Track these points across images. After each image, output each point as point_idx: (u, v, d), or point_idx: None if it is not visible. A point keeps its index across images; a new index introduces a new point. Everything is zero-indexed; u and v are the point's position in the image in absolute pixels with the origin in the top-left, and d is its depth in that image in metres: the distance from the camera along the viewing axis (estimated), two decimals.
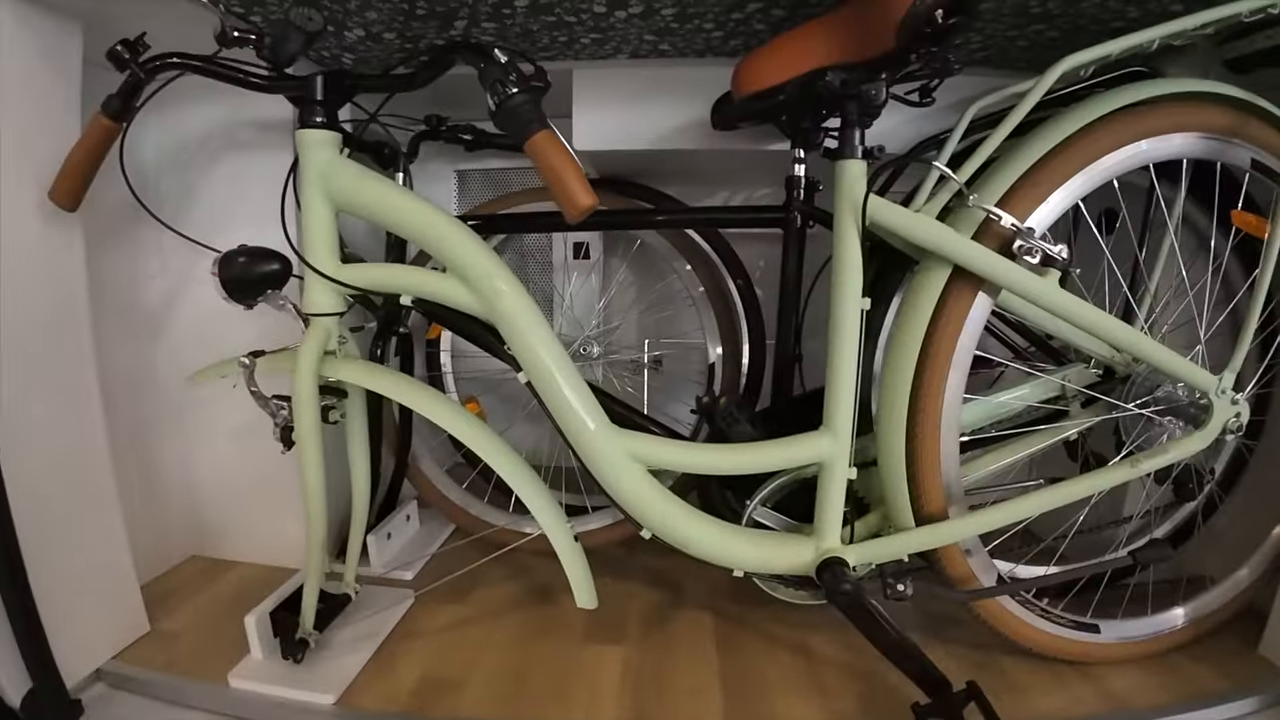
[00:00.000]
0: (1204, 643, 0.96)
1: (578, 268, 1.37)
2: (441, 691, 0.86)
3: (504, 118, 0.67)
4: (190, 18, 0.84)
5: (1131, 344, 0.75)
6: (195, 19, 0.84)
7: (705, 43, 0.96)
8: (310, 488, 0.82)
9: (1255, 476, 1.03)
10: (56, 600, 0.84)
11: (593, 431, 0.77)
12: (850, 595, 0.75)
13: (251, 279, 0.80)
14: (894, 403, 0.77)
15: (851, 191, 0.73)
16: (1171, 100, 0.78)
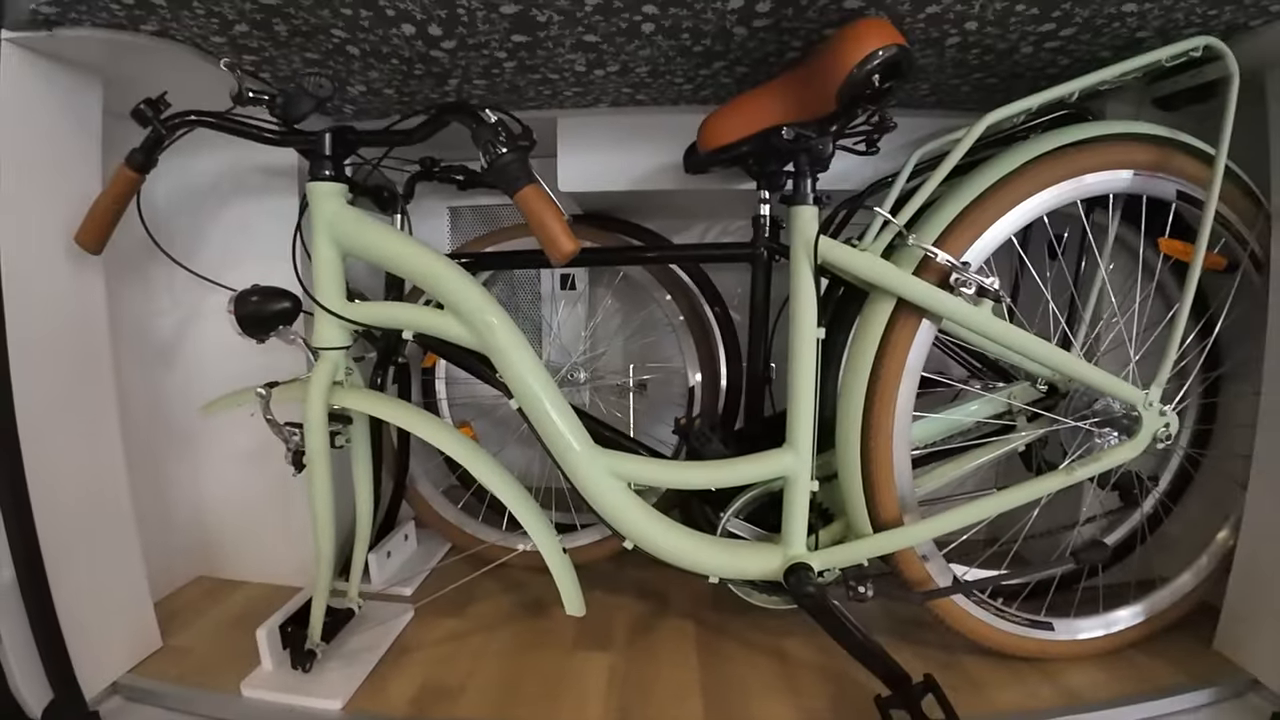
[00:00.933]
0: (1160, 640, 1.04)
1: (565, 298, 1.48)
2: (441, 697, 0.95)
3: (495, 174, 0.78)
4: (195, 70, 0.95)
5: (1061, 364, 0.86)
6: (199, 71, 0.95)
7: (678, 93, 1.08)
8: (319, 507, 0.91)
9: (1203, 484, 1.13)
10: (75, 616, 0.92)
11: (578, 452, 0.87)
12: (815, 597, 0.85)
13: (264, 316, 0.91)
14: (849, 420, 0.87)
15: (804, 233, 0.84)
16: (1097, 141, 0.89)
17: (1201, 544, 1.07)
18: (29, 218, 0.88)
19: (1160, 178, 0.91)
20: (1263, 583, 0.96)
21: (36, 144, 0.88)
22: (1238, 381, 1.08)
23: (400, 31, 0.85)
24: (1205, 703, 0.94)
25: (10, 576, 0.86)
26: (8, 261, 0.83)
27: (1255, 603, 0.98)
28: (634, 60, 0.95)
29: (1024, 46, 0.93)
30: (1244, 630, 0.99)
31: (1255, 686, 0.95)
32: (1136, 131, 0.90)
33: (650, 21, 0.83)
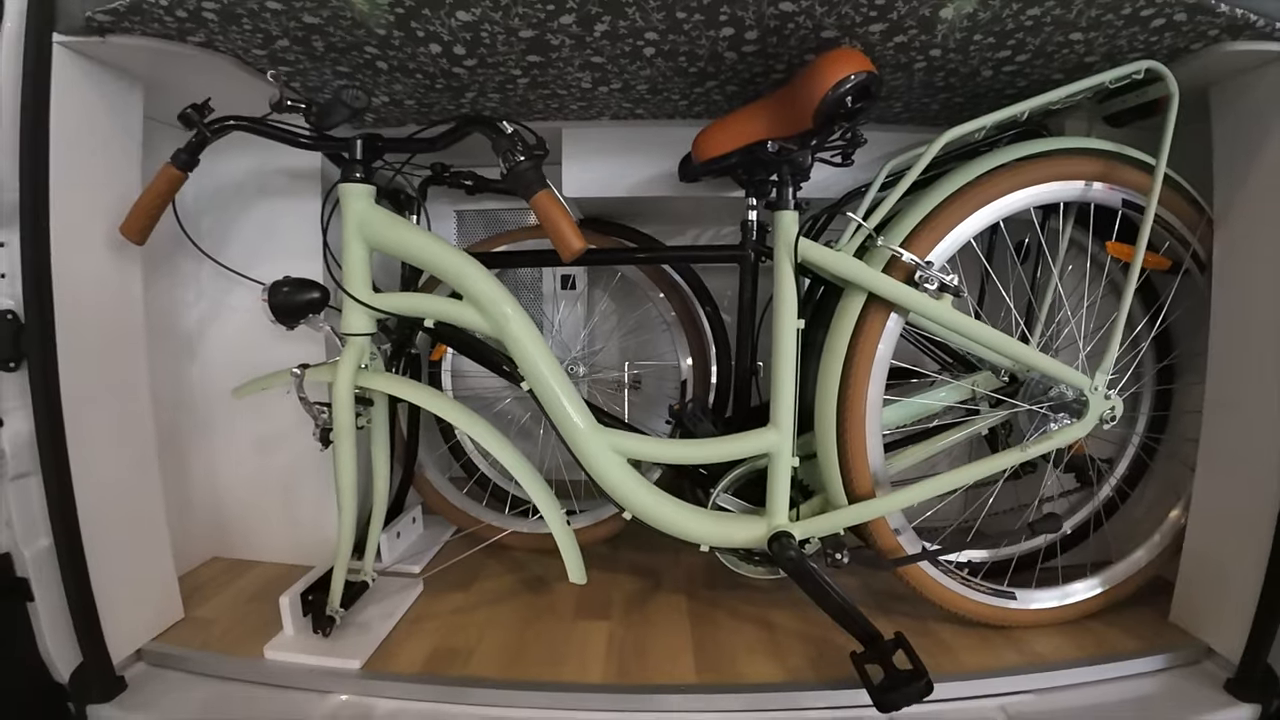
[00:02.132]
0: (1117, 612, 1.17)
1: (565, 297, 1.62)
2: (453, 659, 1.06)
3: (512, 180, 0.91)
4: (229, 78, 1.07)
5: (1014, 352, 1.00)
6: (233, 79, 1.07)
7: (674, 109, 1.23)
8: (343, 480, 1.03)
9: (1159, 469, 1.27)
10: (106, 585, 1.01)
11: (582, 429, 1.00)
12: (795, 561, 0.98)
13: (295, 305, 1.03)
14: (826, 402, 1.01)
15: (786, 235, 0.98)
16: (1050, 155, 1.04)
17: (1156, 523, 1.20)
18: (76, 209, 0.99)
19: (1107, 188, 1.06)
20: (1212, 557, 1.09)
21: (83, 142, 0.99)
22: (1187, 372, 1.23)
23: (428, 50, 0.99)
24: (1161, 668, 1.06)
25: (49, 544, 0.96)
26: (57, 248, 0.93)
27: (1206, 576, 1.10)
28: (635, 79, 1.09)
29: (984, 70, 1.07)
30: (1197, 602, 1.11)
31: (1210, 655, 1.07)
32: (1085, 146, 1.05)
33: (651, 46, 0.97)
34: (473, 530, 1.44)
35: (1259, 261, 1.01)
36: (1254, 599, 0.98)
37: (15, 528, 0.95)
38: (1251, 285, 1.03)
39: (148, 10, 0.88)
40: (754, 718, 0.96)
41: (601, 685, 1.00)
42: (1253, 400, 1.02)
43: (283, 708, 0.99)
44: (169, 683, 1.05)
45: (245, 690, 1.03)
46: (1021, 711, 0.98)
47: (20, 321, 0.93)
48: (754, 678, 1.02)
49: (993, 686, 1.01)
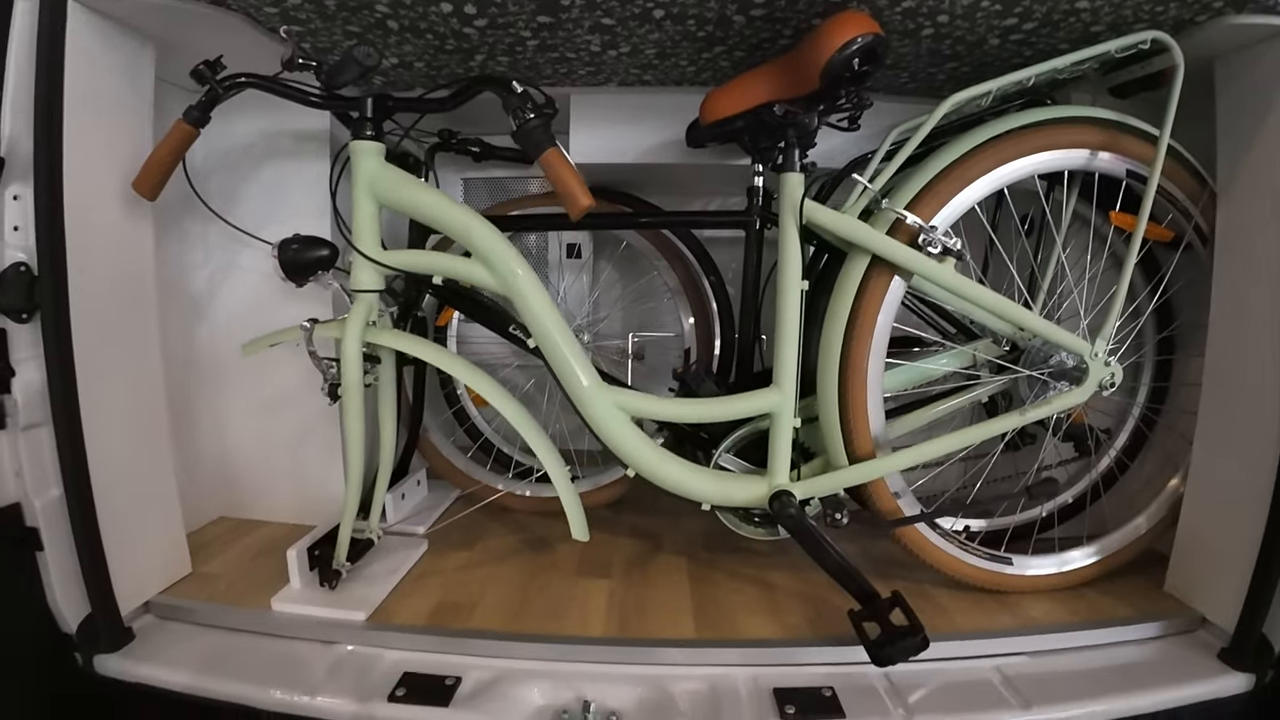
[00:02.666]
0: (1113, 581, 1.19)
1: (570, 266, 1.65)
2: (457, 612, 1.09)
3: (522, 137, 0.93)
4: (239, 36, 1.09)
5: (1015, 316, 1.02)
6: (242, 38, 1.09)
7: (681, 75, 1.25)
8: (351, 435, 1.06)
9: (1158, 442, 1.30)
10: (115, 537, 1.03)
11: (586, 386, 1.02)
12: (795, 518, 1.01)
13: (304, 262, 1.05)
14: (829, 363, 1.03)
15: (792, 197, 1.00)
16: (1052, 124, 1.06)
17: (1154, 493, 1.22)
18: (89, 165, 1.01)
19: (1112, 157, 1.08)
20: (1208, 529, 1.11)
21: (96, 99, 1.01)
22: (1188, 345, 1.25)
23: (439, 9, 1.00)
24: (1156, 635, 1.08)
25: (58, 495, 0.99)
26: (70, 203, 0.95)
27: (1202, 546, 1.12)
28: (644, 43, 1.11)
29: (991, 39, 1.09)
30: (1192, 572, 1.14)
31: (1204, 624, 1.09)
32: (1090, 115, 1.07)
33: (660, 8, 0.98)
34: (476, 491, 1.48)
35: (1261, 235, 1.03)
36: (1249, 569, 1.00)
37: (26, 478, 0.97)
38: (1253, 259, 1.04)
39: None
40: (753, 672, 0.99)
41: (603, 638, 1.03)
42: (1252, 374, 1.03)
43: (289, 657, 1.02)
44: (176, 634, 1.08)
45: (252, 641, 1.06)
46: (1016, 673, 1.00)
47: (33, 274, 0.95)
48: (753, 634, 1.05)
49: (988, 648, 1.04)
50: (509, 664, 0.99)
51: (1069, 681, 0.99)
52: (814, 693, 0.95)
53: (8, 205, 0.94)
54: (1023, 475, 1.30)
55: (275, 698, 0.94)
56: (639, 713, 0.92)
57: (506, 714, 0.91)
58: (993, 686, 0.97)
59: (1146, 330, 1.27)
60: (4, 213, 0.94)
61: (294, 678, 0.96)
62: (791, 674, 0.99)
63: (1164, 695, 0.96)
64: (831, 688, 0.95)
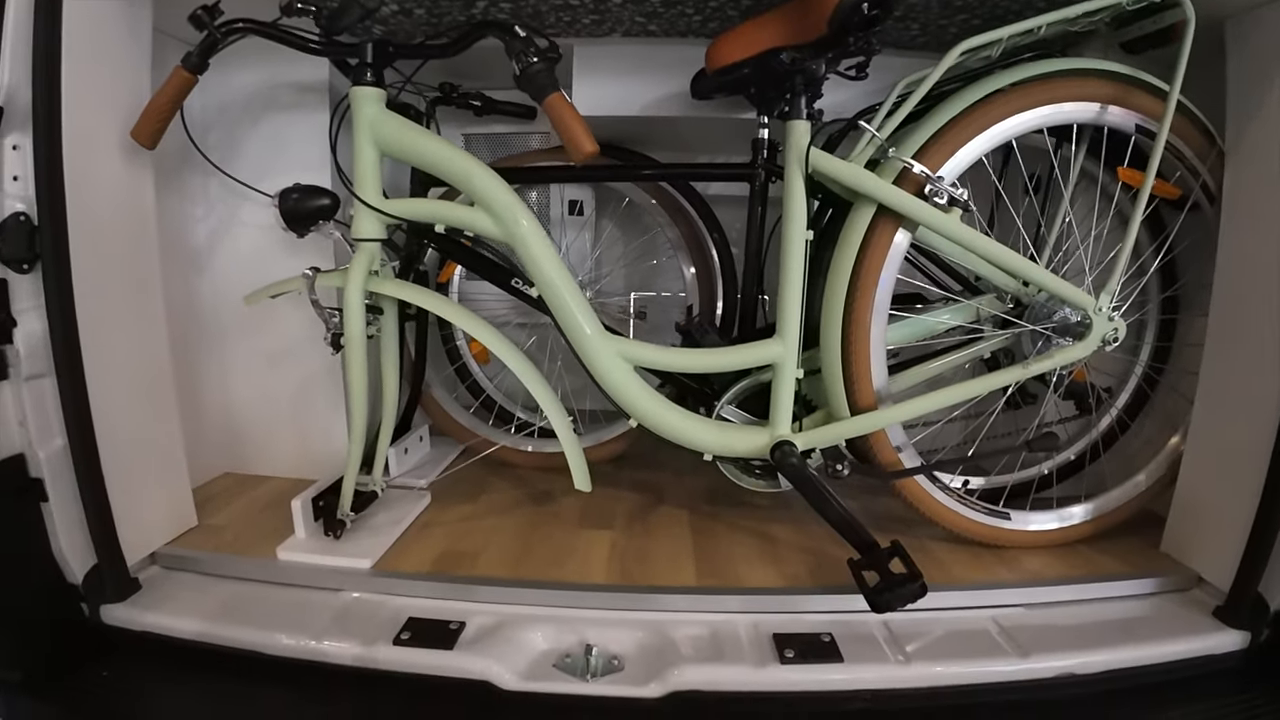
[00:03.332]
0: (1111, 539, 1.21)
1: (573, 223, 1.64)
2: (460, 559, 1.11)
3: (525, 81, 0.92)
4: None
5: (1019, 268, 1.02)
6: None
7: (687, 25, 1.23)
8: (354, 383, 1.06)
9: (1160, 403, 1.30)
10: (121, 488, 1.04)
11: (589, 335, 1.03)
12: (796, 468, 1.02)
13: (305, 211, 1.05)
14: (832, 315, 1.04)
15: (798, 145, 0.99)
16: (1061, 76, 1.05)
17: (1153, 452, 1.23)
18: (88, 115, 1.00)
19: (1121, 112, 1.07)
20: (1206, 489, 1.12)
21: (94, 48, 1.00)
22: (1192, 305, 1.25)
23: None
24: (1151, 591, 1.10)
25: (63, 445, 0.99)
26: (70, 152, 0.95)
27: (1199, 506, 1.13)
28: None
29: None
30: (1189, 532, 1.15)
31: (1200, 583, 1.11)
32: (1100, 68, 1.06)
33: None
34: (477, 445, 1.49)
35: (1268, 195, 1.02)
36: (1246, 528, 1.01)
37: (30, 428, 0.97)
38: (1260, 219, 1.04)
39: None
40: (753, 619, 1.01)
41: (605, 585, 1.05)
42: (1255, 334, 1.03)
43: (295, 604, 1.04)
44: (182, 583, 1.10)
45: (258, 589, 1.08)
46: (1013, 624, 1.02)
47: (33, 223, 0.94)
48: (753, 582, 1.07)
49: (986, 599, 1.06)
50: (512, 609, 1.01)
51: (1065, 633, 1.01)
52: (813, 638, 0.96)
53: (7, 155, 0.94)
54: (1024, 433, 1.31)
55: (282, 643, 0.96)
56: (640, 656, 0.94)
57: (510, 657, 0.92)
58: (990, 636, 0.99)
59: (1151, 289, 1.27)
60: (3, 163, 0.94)
61: (300, 624, 0.98)
62: (791, 620, 1.01)
63: (1158, 649, 0.98)
64: (830, 634, 0.97)
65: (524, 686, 0.89)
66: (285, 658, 0.96)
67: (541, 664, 0.93)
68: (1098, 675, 0.95)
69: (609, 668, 0.92)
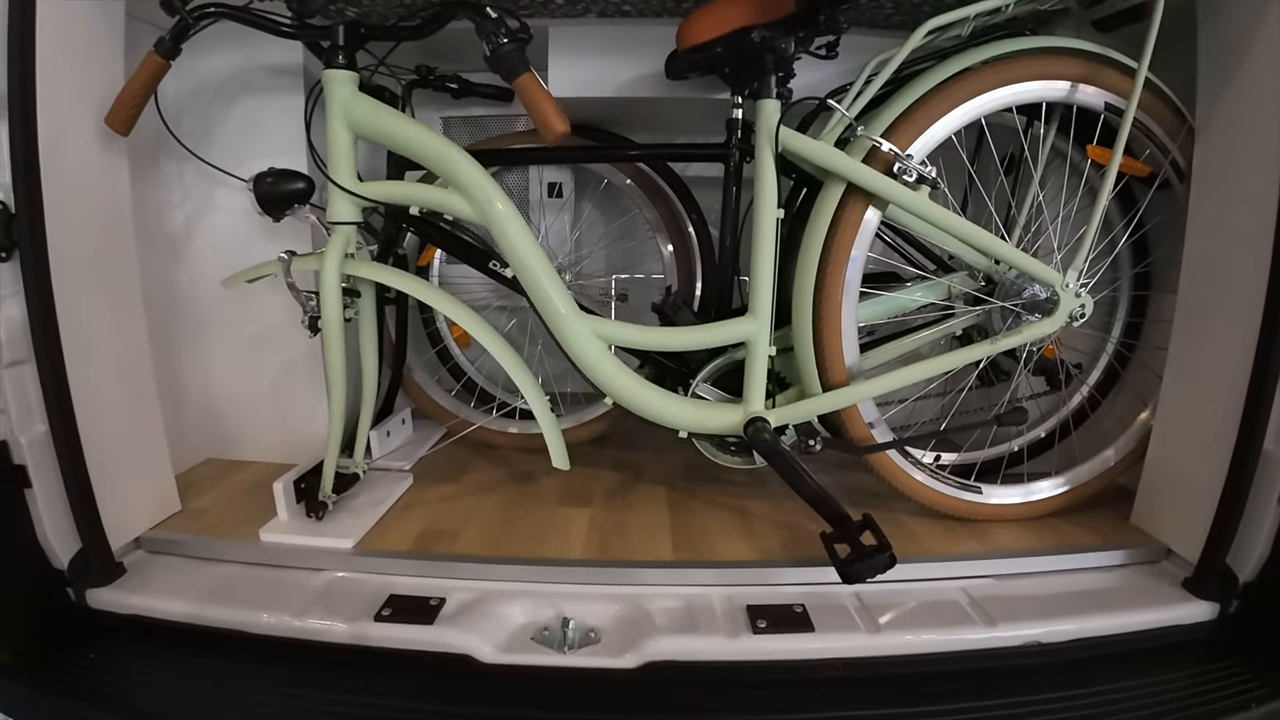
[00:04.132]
0: (1082, 512, 1.24)
1: (551, 206, 1.65)
2: (441, 538, 1.13)
3: (496, 62, 0.93)
4: None
5: (987, 245, 1.04)
6: None
7: (661, 4, 1.24)
8: (333, 364, 1.08)
9: (1132, 375, 1.33)
10: (104, 473, 1.05)
11: (564, 315, 1.04)
12: (769, 443, 1.04)
13: (280, 195, 1.05)
14: (803, 294, 1.06)
15: (768, 124, 1.01)
16: (1030, 54, 1.07)
17: (1124, 427, 1.26)
18: (62, 102, 1.00)
19: (1090, 90, 1.08)
20: (1175, 462, 1.15)
21: (67, 34, 1.00)
22: (1162, 281, 1.27)
23: None
24: (1121, 563, 1.12)
25: (45, 431, 1.00)
26: (45, 139, 0.95)
27: (1168, 479, 1.16)
28: None
29: None
30: (1158, 504, 1.18)
31: (1169, 556, 1.14)
32: (1068, 46, 1.07)
33: None
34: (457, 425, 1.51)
35: (1237, 172, 1.04)
36: (1214, 501, 1.03)
37: (11, 414, 0.98)
38: (1229, 195, 1.06)
39: None
40: (727, 591, 1.03)
41: (581, 560, 1.07)
42: (1223, 309, 1.06)
43: (278, 584, 1.05)
44: (167, 566, 1.11)
45: (241, 570, 1.09)
46: (983, 594, 1.04)
47: (10, 211, 0.95)
48: (728, 556, 1.09)
49: (956, 570, 1.09)
50: (492, 585, 1.04)
51: (1034, 603, 1.03)
52: (785, 609, 0.99)
53: None
54: None
55: (265, 621, 0.98)
56: (617, 628, 0.97)
57: (489, 631, 0.95)
58: (959, 606, 1.02)
59: (1122, 265, 1.29)
60: None
61: (283, 603, 1.00)
62: (765, 593, 1.03)
63: (1126, 619, 1.01)
64: (803, 604, 1.00)
65: (502, 659, 0.92)
66: (269, 635, 0.97)
67: (520, 637, 0.95)
68: (1065, 644, 0.98)
69: (586, 640, 0.94)
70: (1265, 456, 0.98)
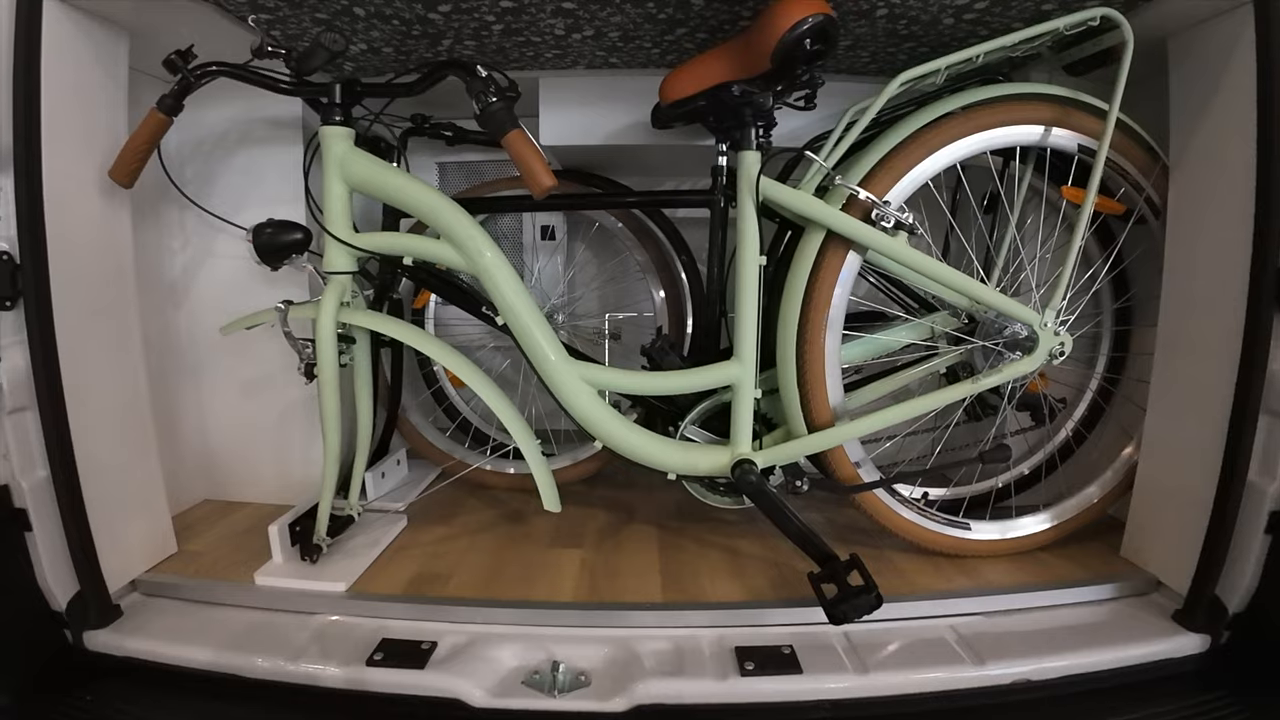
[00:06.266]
0: (1070, 547, 1.25)
1: (544, 248, 1.69)
2: (433, 581, 1.15)
3: (485, 120, 0.97)
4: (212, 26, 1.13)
5: (965, 287, 1.07)
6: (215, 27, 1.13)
7: (647, 57, 1.29)
8: (328, 412, 1.10)
9: (1116, 413, 1.35)
10: (102, 517, 1.07)
11: (553, 361, 1.07)
12: (755, 484, 1.06)
13: (278, 245, 1.09)
14: (787, 337, 1.08)
15: (749, 174, 1.04)
16: (1004, 100, 1.10)
17: (1110, 460, 1.27)
18: (67, 154, 1.04)
19: (1063, 133, 1.12)
20: (1162, 494, 1.16)
21: (72, 90, 1.05)
22: (1143, 316, 1.30)
23: None
24: (1110, 597, 1.13)
25: (45, 476, 1.02)
26: (50, 192, 0.99)
27: (1156, 512, 1.17)
28: (607, 26, 1.15)
29: (945, 18, 1.13)
30: (1147, 536, 1.19)
31: (1159, 587, 1.15)
32: (1041, 92, 1.11)
33: None
34: (452, 466, 1.53)
35: (1212, 207, 1.07)
36: (1201, 532, 1.04)
37: (13, 460, 1.00)
38: (1204, 230, 1.09)
39: None
40: (717, 633, 1.04)
41: (573, 603, 1.09)
42: (1203, 342, 1.08)
43: (272, 628, 1.07)
44: (163, 609, 1.13)
45: (236, 613, 1.11)
46: (971, 632, 1.05)
47: (15, 261, 0.98)
48: (717, 597, 1.10)
49: (943, 608, 1.10)
50: (483, 629, 1.05)
51: (1023, 639, 1.04)
52: (774, 650, 1.00)
53: None
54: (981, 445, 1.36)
55: (259, 665, 0.99)
56: (606, 671, 0.98)
57: (480, 674, 0.96)
58: (947, 644, 1.03)
59: (1104, 302, 1.32)
60: None
61: (277, 647, 1.01)
62: (753, 634, 1.04)
63: (1116, 654, 1.01)
64: (791, 646, 1.01)
65: (493, 703, 0.93)
66: (263, 680, 0.99)
67: (510, 681, 0.96)
68: (1054, 680, 0.99)
69: (576, 683, 0.95)
70: (1249, 487, 0.99)
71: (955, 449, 1.34)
